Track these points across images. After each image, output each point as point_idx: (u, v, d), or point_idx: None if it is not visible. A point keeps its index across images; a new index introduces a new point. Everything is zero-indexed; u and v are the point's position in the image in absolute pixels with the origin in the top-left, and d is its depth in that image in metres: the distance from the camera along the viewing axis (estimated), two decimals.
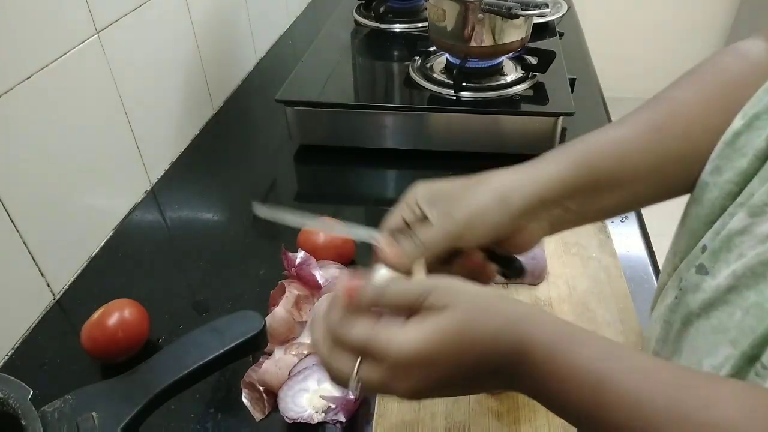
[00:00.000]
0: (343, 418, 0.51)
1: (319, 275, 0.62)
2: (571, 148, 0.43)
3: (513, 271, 0.46)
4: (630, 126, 0.44)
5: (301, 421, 0.51)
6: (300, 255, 0.63)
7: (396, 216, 0.44)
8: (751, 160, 0.38)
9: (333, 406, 0.52)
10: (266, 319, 0.57)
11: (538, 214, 0.42)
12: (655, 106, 0.45)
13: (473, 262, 0.43)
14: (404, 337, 0.33)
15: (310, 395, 0.53)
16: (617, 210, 0.45)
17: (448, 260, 0.43)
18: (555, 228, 0.44)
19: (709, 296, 0.38)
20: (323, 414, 0.51)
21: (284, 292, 0.61)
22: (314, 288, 0.62)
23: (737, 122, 0.40)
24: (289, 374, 0.54)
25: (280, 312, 0.59)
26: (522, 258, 0.46)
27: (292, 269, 0.63)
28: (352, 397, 0.52)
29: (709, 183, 0.41)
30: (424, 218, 0.42)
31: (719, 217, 0.40)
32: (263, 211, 0.46)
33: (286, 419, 0.51)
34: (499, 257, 0.45)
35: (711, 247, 0.39)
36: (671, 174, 0.43)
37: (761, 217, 0.36)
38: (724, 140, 0.40)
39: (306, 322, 0.60)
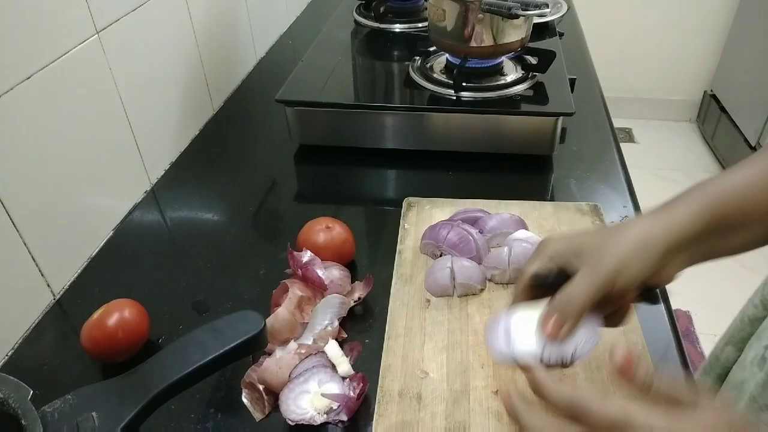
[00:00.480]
0: (345, 417, 0.51)
1: (324, 276, 0.62)
2: (700, 192, 0.45)
3: (651, 298, 0.48)
4: (754, 167, 0.45)
5: (303, 422, 0.51)
6: (307, 254, 0.63)
7: (532, 269, 0.46)
8: None
9: (335, 407, 0.52)
10: (268, 319, 0.57)
11: (677, 255, 0.44)
12: None
13: (627, 302, 0.46)
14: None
15: (312, 396, 0.53)
16: (751, 245, 0.46)
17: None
18: (693, 261, 0.45)
19: None
20: (325, 415, 0.51)
21: (286, 292, 0.61)
22: (319, 288, 0.62)
23: None
24: (289, 376, 0.54)
25: (282, 313, 0.59)
26: None
27: (298, 269, 0.63)
28: (353, 395, 0.52)
29: None
30: (562, 272, 0.45)
31: None
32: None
33: (289, 422, 0.51)
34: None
35: None
36: None
37: None
38: None
39: (307, 323, 0.60)
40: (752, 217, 0.44)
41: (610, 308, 0.46)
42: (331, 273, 0.63)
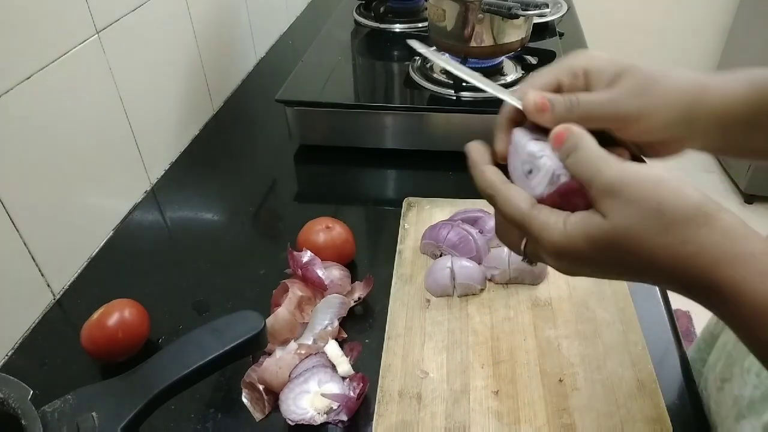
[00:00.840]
0: (345, 417, 0.51)
1: (324, 276, 0.62)
2: (752, 74, 0.38)
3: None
4: None
5: (303, 422, 0.51)
6: (307, 255, 0.63)
7: (548, 76, 0.39)
8: None
9: (335, 407, 0.52)
10: (268, 319, 0.57)
11: (710, 128, 0.38)
12: None
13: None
14: (555, 231, 0.33)
15: (312, 396, 0.53)
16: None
17: None
18: (709, 146, 0.40)
19: None
20: (325, 415, 0.51)
21: (286, 292, 0.61)
22: (319, 288, 0.62)
23: None
24: (289, 376, 0.54)
25: (282, 313, 0.59)
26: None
27: (298, 269, 0.63)
28: (353, 395, 0.52)
29: None
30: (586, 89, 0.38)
31: None
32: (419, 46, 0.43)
33: (289, 422, 0.51)
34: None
35: None
36: None
37: None
38: None
39: (308, 323, 0.60)
40: None
41: None
42: (331, 273, 0.63)
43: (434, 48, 0.39)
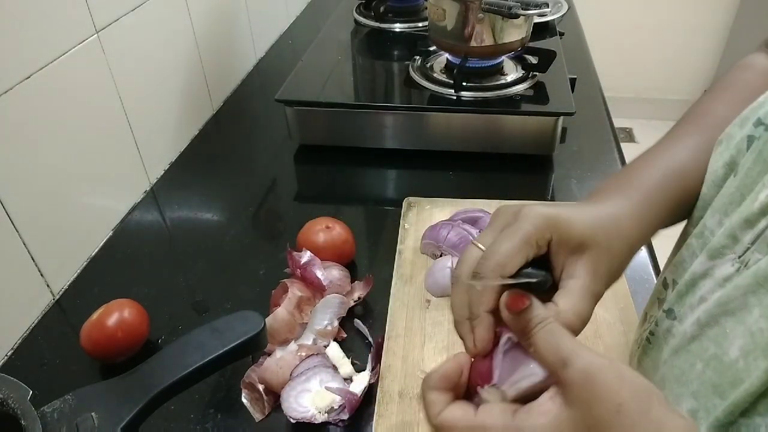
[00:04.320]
0: (346, 416, 0.51)
1: (323, 276, 0.62)
2: (653, 183, 0.41)
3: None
4: (687, 149, 0.43)
5: (305, 420, 0.51)
6: (306, 255, 0.63)
7: (516, 254, 0.36)
8: (708, 185, 0.38)
9: (336, 407, 0.52)
10: (267, 319, 0.57)
11: None
12: (701, 125, 0.44)
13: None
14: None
15: (313, 395, 0.53)
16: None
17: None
18: None
19: (677, 343, 0.37)
20: (326, 414, 0.51)
21: (286, 292, 0.61)
22: (318, 289, 0.62)
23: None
24: (290, 375, 0.54)
25: (281, 313, 0.59)
26: None
27: (297, 269, 0.63)
28: (356, 391, 0.52)
29: None
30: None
31: (682, 246, 0.39)
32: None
33: (290, 419, 0.51)
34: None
35: (677, 289, 0.38)
36: None
37: (720, 259, 0.35)
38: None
39: (307, 323, 0.60)
40: (689, 202, 0.41)
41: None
42: (330, 273, 0.63)
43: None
